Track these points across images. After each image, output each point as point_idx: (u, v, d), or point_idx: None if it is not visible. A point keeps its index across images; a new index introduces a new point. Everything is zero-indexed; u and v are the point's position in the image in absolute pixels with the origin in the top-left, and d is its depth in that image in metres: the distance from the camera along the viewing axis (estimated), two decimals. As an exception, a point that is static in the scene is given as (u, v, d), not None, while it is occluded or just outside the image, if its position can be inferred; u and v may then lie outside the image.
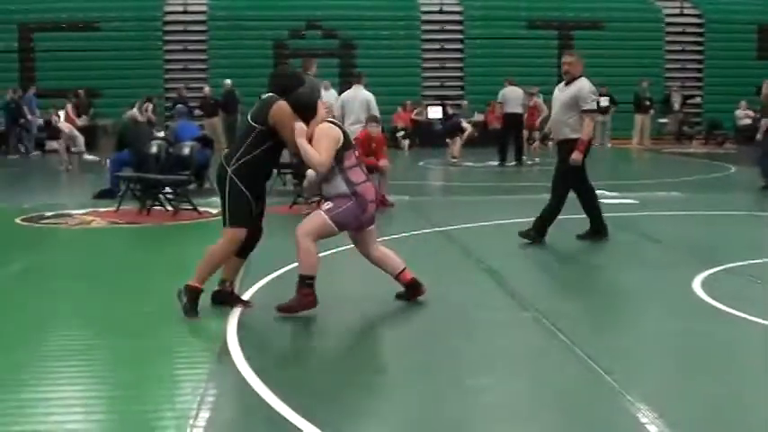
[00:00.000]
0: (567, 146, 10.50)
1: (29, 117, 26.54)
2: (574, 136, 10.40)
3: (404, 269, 7.69)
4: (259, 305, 7.45)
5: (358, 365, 6.31)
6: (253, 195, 7.21)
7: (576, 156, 10.34)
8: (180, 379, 5.83)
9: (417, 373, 5.92)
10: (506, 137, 22.73)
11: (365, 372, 6.08)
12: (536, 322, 7.06)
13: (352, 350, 6.81)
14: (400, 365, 6.20)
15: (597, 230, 10.78)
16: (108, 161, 16.62)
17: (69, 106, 26.59)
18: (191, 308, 7.12)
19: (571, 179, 10.55)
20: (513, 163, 22.39)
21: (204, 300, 7.34)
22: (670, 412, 5.02)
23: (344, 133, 7.36)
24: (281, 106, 7.09)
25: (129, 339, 6.72)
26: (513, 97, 22.49)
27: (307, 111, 7.17)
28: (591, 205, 10.77)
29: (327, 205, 7.27)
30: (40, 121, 26.85)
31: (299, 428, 4.81)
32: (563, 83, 10.69)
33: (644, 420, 4.92)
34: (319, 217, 7.24)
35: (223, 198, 7.24)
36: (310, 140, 7.13)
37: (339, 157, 7.20)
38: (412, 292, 7.71)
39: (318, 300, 7.20)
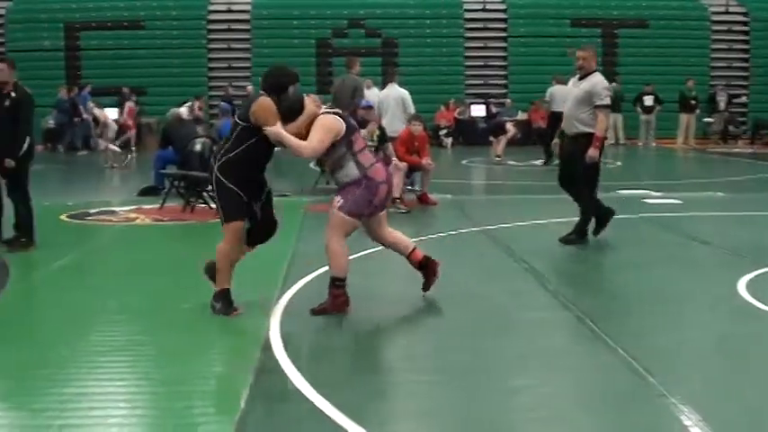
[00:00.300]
0: (579, 140, 10.45)
1: (84, 116, 26.81)
2: (586, 130, 10.35)
3: (414, 248, 7.73)
4: (302, 303, 7.47)
5: (401, 364, 6.33)
6: (245, 190, 7.22)
7: (592, 152, 10.28)
8: (223, 375, 5.87)
9: (459, 373, 5.90)
10: (552, 135, 22.57)
11: (408, 371, 6.08)
12: (579, 322, 7.03)
13: (394, 349, 6.81)
14: (442, 365, 6.19)
15: (602, 216, 10.74)
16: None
17: (130, 104, 26.88)
18: (227, 307, 7.17)
19: (592, 174, 10.48)
20: (557, 162, 22.21)
21: (247, 298, 7.39)
22: (714, 415, 4.98)
23: (345, 119, 7.25)
24: (262, 101, 7.10)
25: (174, 335, 6.79)
26: (560, 95, 22.31)
27: (291, 112, 7.16)
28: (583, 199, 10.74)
29: (338, 201, 7.26)
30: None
31: (342, 427, 4.82)
32: (577, 77, 10.68)
33: (687, 423, 4.87)
34: (334, 216, 7.25)
35: (214, 197, 7.27)
36: (305, 136, 7.14)
37: (349, 142, 7.20)
38: (427, 271, 7.74)
39: (351, 301, 7.24)
